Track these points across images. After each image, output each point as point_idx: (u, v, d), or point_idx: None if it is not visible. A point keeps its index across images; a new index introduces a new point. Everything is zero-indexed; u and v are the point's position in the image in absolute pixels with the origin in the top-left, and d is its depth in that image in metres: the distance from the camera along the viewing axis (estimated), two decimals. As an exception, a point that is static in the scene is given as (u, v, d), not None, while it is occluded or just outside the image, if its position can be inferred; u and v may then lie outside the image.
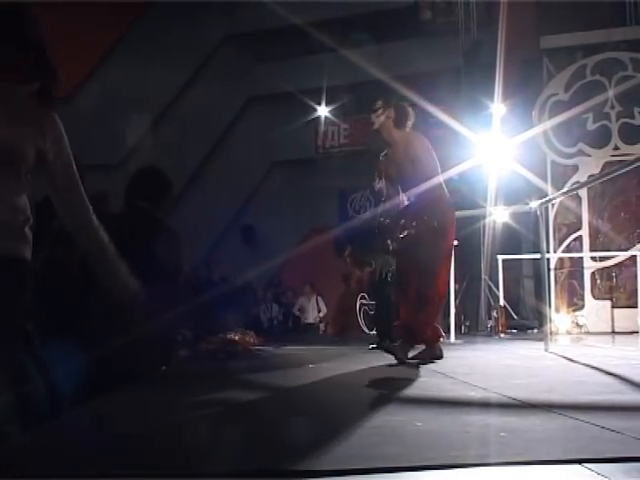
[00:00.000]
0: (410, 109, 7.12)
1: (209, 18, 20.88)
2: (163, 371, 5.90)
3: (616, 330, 13.29)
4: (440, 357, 6.53)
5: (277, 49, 22.43)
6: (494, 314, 13.01)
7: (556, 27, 14.25)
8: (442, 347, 6.71)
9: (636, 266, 12.93)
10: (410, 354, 6.55)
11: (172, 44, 19.92)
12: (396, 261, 7.16)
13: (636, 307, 12.74)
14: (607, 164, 13.40)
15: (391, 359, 6.41)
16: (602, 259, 13.86)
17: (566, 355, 7.01)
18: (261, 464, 2.31)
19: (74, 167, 3.27)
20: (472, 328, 14.71)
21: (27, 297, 3.19)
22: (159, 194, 6.05)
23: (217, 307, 11.99)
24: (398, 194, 6.95)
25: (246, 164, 21.79)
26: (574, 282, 13.98)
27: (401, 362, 6.30)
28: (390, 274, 8.80)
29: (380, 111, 6.94)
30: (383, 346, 7.88)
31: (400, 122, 6.89)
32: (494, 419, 3.15)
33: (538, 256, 9.33)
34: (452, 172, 8.45)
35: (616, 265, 13.81)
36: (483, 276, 14.52)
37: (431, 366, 6.07)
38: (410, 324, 6.50)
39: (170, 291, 5.59)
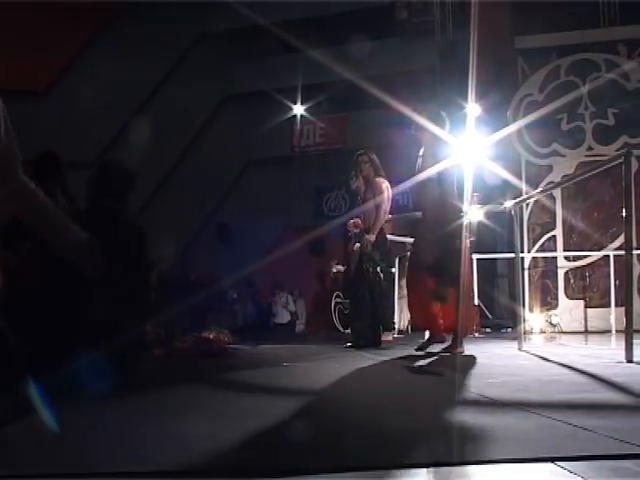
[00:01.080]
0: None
1: (183, 17, 20.82)
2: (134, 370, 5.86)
3: (589, 329, 13.37)
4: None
5: (252, 48, 22.42)
6: (468, 313, 13.06)
7: (531, 27, 14.32)
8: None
9: (609, 266, 13.01)
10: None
11: (147, 43, 19.86)
12: None
13: (609, 307, 12.82)
14: (581, 164, 13.47)
15: (365, 357, 6.43)
16: (576, 259, 13.94)
17: (540, 354, 7.04)
18: (234, 462, 2.32)
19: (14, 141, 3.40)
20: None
21: None
22: (122, 190, 6.02)
23: (192, 306, 11.97)
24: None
25: (222, 163, 21.75)
26: (548, 282, 14.04)
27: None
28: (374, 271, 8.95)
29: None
30: (359, 345, 7.94)
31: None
32: (468, 417, 3.16)
33: (512, 255, 9.37)
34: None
35: (589, 265, 13.89)
36: (458, 275, 14.55)
37: (405, 363, 6.09)
38: None
39: (136, 288, 5.59)
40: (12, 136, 3.41)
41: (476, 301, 13.17)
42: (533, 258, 14.07)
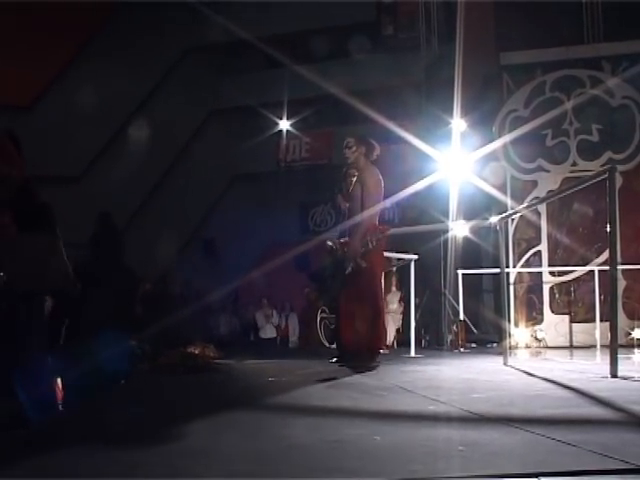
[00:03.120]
0: (376, 144, 8.30)
1: (171, 31, 20.82)
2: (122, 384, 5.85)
3: (574, 344, 13.40)
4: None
5: (239, 62, 22.46)
6: (454, 328, 13.05)
7: (515, 44, 14.39)
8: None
9: (594, 281, 13.05)
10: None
11: (134, 56, 19.83)
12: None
13: (594, 322, 12.85)
14: (566, 180, 13.53)
15: (349, 373, 6.43)
16: (561, 274, 13.98)
17: (525, 369, 7.05)
18: (218, 477, 2.31)
19: None
20: (432, 342, 14.74)
21: None
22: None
23: (177, 321, 11.93)
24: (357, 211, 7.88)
25: (207, 177, 21.73)
26: (533, 297, 14.07)
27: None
28: None
29: (354, 148, 8.14)
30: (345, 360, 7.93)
31: (369, 155, 8.18)
32: (453, 433, 3.16)
33: (498, 270, 9.38)
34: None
35: (574, 280, 13.93)
36: (443, 290, 14.56)
37: (391, 380, 6.08)
38: None
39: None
40: None
41: (462, 316, 13.19)
42: (518, 273, 14.10)
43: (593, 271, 13.23)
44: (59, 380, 8.83)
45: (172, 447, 3.03)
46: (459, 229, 14.19)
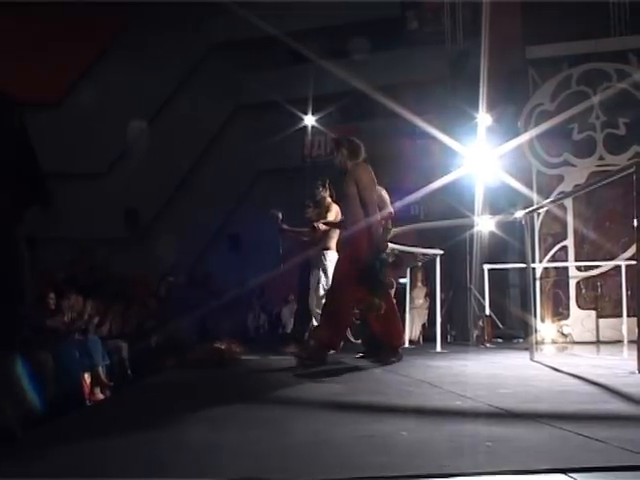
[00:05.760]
0: (358, 141, 8.04)
1: (196, 27, 20.89)
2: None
3: (601, 340, 13.28)
4: None
5: (264, 58, 22.46)
6: (480, 323, 13.01)
7: (541, 37, 14.29)
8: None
9: (621, 276, 12.95)
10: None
11: (159, 54, 19.91)
12: None
13: (621, 317, 12.76)
14: (592, 174, 13.42)
15: (376, 368, 6.43)
16: (587, 269, 13.87)
17: (551, 365, 7.02)
18: (247, 473, 2.32)
19: None
20: (458, 338, 14.69)
21: None
22: None
23: (204, 316, 11.98)
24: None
25: (233, 173, 21.76)
26: (559, 292, 13.98)
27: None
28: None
29: (335, 153, 8.00)
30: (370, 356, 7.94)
31: (353, 155, 7.86)
32: (480, 428, 3.16)
33: (524, 266, 9.34)
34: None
35: (601, 275, 13.82)
36: (469, 285, 14.50)
37: (418, 375, 6.08)
38: None
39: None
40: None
41: (487, 311, 13.14)
42: (544, 268, 14.01)
43: (620, 266, 13.12)
44: (86, 375, 8.90)
45: (199, 444, 3.05)
46: (485, 224, 14.12)
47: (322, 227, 9.14)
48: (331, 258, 9.30)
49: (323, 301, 8.64)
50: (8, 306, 3.44)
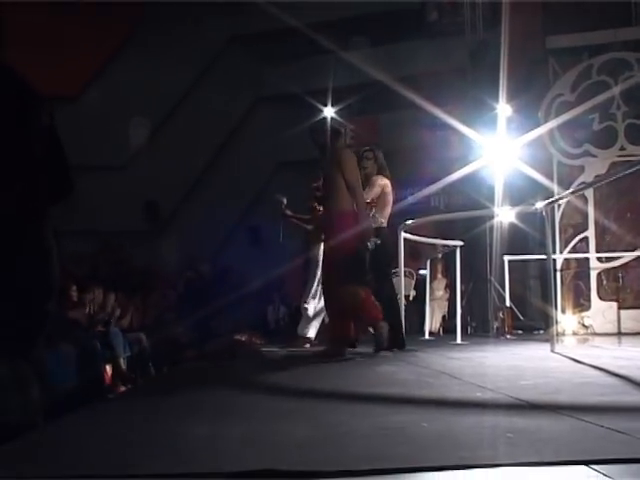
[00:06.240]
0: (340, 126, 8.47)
1: (214, 19, 20.89)
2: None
3: (622, 331, 13.23)
4: None
5: (283, 50, 22.43)
6: (500, 315, 12.99)
7: (562, 27, 14.22)
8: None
9: (642, 267, 12.91)
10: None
11: (178, 46, 19.95)
12: None
13: (642, 308, 12.72)
14: (613, 165, 13.36)
15: (397, 360, 6.43)
16: (608, 260, 13.81)
17: (572, 356, 7.00)
18: (268, 464, 2.32)
19: None
20: (478, 329, 14.69)
21: None
22: None
23: (224, 308, 12.02)
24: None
25: (252, 165, 21.78)
26: (580, 283, 13.93)
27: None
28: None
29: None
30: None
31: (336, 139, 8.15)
32: (501, 420, 3.16)
33: (544, 257, 9.31)
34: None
35: (622, 266, 13.76)
36: (489, 277, 14.48)
37: (438, 367, 6.08)
38: None
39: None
40: None
41: (508, 303, 13.12)
42: (565, 259, 13.96)
43: (641, 257, 13.09)
44: (108, 367, 8.95)
45: (220, 435, 3.05)
46: (505, 215, 14.08)
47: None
48: None
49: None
50: (37, 303, 3.48)
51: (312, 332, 10.04)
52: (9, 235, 3.32)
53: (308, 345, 9.74)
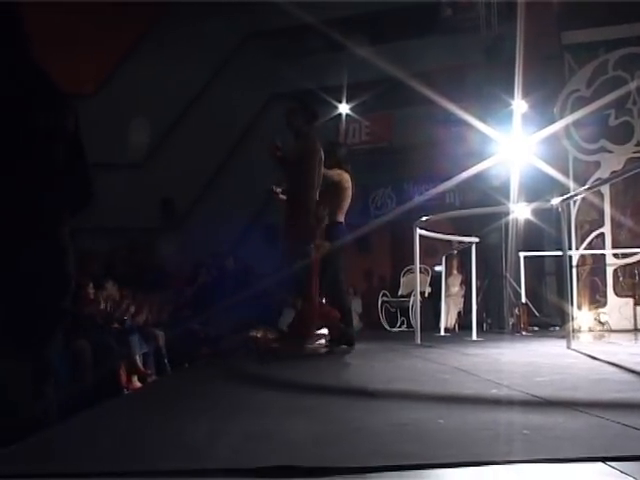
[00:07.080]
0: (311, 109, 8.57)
1: (229, 17, 20.89)
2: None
3: (639, 327, 13.21)
4: None
5: (298, 47, 22.42)
6: (516, 311, 12.96)
7: (577, 22, 14.16)
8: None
9: (659, 263, 12.86)
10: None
11: (193, 43, 19.96)
12: None
13: (659, 304, 12.67)
14: (629, 160, 13.31)
15: (412, 356, 6.42)
16: (625, 256, 13.76)
17: (589, 353, 6.98)
18: (284, 461, 2.32)
19: None
20: (494, 325, 14.66)
21: None
22: None
23: (239, 305, 12.02)
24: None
25: (268, 162, 21.77)
26: (596, 279, 13.88)
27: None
28: None
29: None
30: None
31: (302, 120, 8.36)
32: (517, 416, 3.15)
33: (560, 253, 9.28)
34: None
35: (639, 262, 13.71)
36: (505, 273, 14.45)
37: (453, 363, 6.07)
38: None
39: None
40: None
41: (524, 299, 13.09)
42: (581, 256, 13.92)
43: (658, 253, 13.03)
44: (123, 364, 8.97)
45: (235, 431, 3.06)
46: (520, 211, 14.04)
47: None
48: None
49: None
50: (52, 301, 3.49)
51: (323, 328, 10.05)
52: (26, 234, 3.34)
53: (322, 341, 9.76)
